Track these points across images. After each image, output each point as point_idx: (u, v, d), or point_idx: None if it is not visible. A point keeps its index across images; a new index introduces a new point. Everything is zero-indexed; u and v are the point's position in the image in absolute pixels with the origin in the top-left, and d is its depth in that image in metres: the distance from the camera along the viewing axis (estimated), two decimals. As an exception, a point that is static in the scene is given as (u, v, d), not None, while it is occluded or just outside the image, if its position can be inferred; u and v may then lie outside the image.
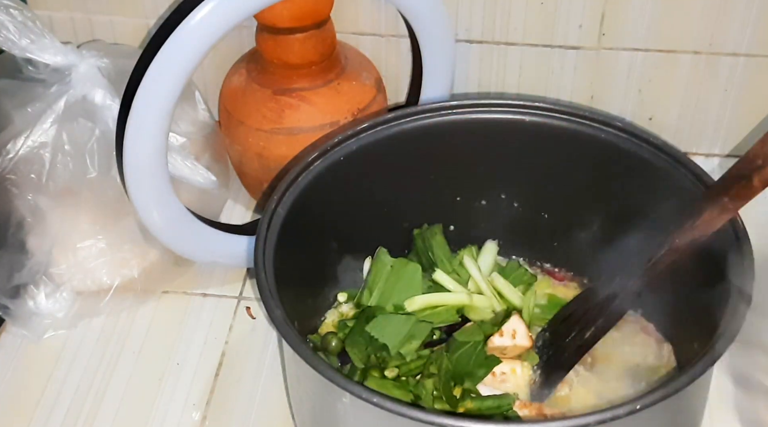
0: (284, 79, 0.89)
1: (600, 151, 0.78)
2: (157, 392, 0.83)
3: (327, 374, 0.61)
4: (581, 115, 0.79)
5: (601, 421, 0.57)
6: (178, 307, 0.90)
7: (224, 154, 0.94)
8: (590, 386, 0.77)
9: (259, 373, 0.84)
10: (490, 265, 0.86)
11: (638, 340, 0.80)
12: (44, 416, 0.81)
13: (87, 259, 0.87)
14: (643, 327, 0.81)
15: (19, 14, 0.81)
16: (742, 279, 0.66)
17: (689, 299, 0.74)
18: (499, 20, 0.95)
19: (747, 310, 0.64)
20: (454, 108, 0.81)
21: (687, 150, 1.00)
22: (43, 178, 0.83)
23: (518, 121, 0.80)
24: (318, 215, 0.77)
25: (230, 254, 0.87)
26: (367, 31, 0.97)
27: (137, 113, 0.75)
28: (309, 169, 0.77)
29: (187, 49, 0.74)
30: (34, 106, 0.83)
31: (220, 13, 0.74)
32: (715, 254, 0.69)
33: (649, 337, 0.81)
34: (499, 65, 0.98)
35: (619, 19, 0.93)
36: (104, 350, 0.86)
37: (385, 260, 0.81)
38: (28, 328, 0.86)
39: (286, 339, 0.64)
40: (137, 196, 0.79)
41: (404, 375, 0.75)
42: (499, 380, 0.76)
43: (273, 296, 0.66)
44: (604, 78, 0.98)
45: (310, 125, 0.88)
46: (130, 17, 0.98)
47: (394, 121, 0.80)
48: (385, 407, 0.58)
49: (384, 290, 0.80)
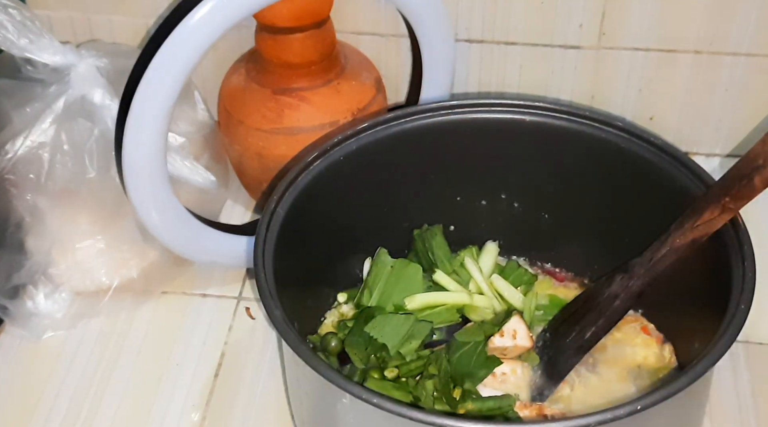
0: (284, 79, 0.89)
1: (600, 151, 0.78)
2: (157, 392, 0.83)
3: (327, 375, 0.61)
4: (582, 114, 0.79)
5: (602, 421, 0.57)
6: (177, 307, 0.90)
7: (223, 154, 0.94)
8: (591, 386, 0.77)
9: (259, 373, 0.84)
10: (491, 266, 0.85)
11: (639, 340, 0.80)
12: (43, 416, 0.81)
13: (86, 259, 0.87)
14: (644, 327, 0.81)
15: (18, 14, 0.81)
16: (743, 279, 0.66)
17: (690, 299, 0.74)
18: (499, 20, 0.95)
19: (747, 309, 0.64)
20: (454, 108, 0.81)
21: (688, 150, 1.00)
22: (42, 178, 0.83)
23: (518, 120, 0.80)
24: (317, 215, 0.77)
25: (229, 254, 0.87)
26: (367, 30, 0.97)
27: (136, 113, 0.75)
28: (309, 169, 0.77)
29: (186, 48, 0.74)
30: (33, 106, 0.83)
31: (219, 13, 0.74)
32: (716, 254, 0.69)
33: (650, 337, 0.80)
34: (499, 65, 0.98)
35: (619, 18, 0.93)
36: (103, 351, 0.86)
37: (386, 261, 0.81)
38: (27, 328, 0.86)
39: (285, 340, 0.64)
40: (136, 197, 0.79)
41: (404, 376, 0.75)
42: (499, 380, 0.76)
43: (273, 297, 0.66)
44: (605, 78, 0.98)
45: (310, 125, 0.88)
46: (129, 17, 0.98)
47: (394, 120, 0.80)
48: (385, 408, 0.58)
49: (384, 291, 0.80)
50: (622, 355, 0.79)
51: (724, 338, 0.62)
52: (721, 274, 0.67)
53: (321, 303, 0.84)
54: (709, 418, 0.78)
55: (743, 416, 0.79)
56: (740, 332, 0.63)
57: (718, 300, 0.66)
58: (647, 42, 0.95)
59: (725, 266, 0.67)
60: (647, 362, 0.79)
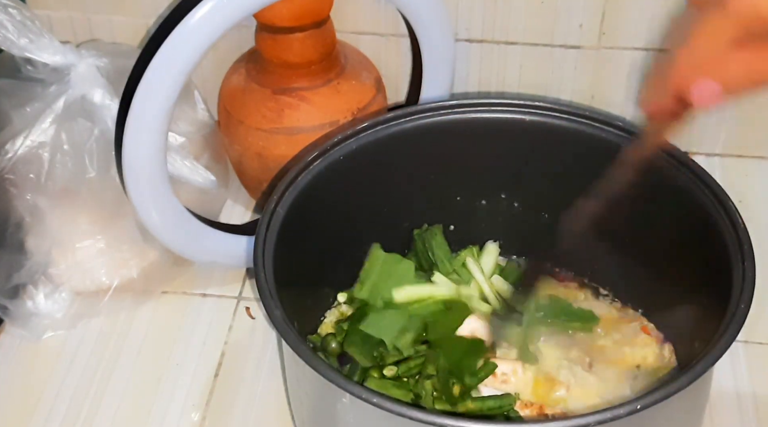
0: (284, 79, 0.89)
1: (600, 150, 0.78)
2: (157, 392, 0.83)
3: (327, 375, 0.60)
4: (581, 114, 0.79)
5: (602, 421, 0.57)
6: (177, 307, 0.90)
7: (223, 154, 0.94)
8: (590, 386, 0.77)
9: (259, 373, 0.84)
10: (492, 267, 0.85)
11: (638, 340, 0.80)
12: (43, 416, 0.81)
13: (86, 259, 0.87)
14: (643, 327, 0.81)
15: (18, 14, 0.81)
16: (743, 279, 0.66)
17: (690, 298, 0.74)
18: (500, 19, 0.95)
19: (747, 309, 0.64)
20: (454, 107, 0.81)
21: (687, 149, 1.00)
22: (42, 178, 0.83)
23: (518, 120, 0.80)
24: (317, 214, 0.77)
25: (229, 254, 0.87)
26: (367, 30, 0.97)
27: (136, 113, 0.75)
28: (308, 169, 0.77)
29: (186, 48, 0.74)
30: (33, 106, 0.83)
31: (219, 13, 0.74)
32: (716, 253, 0.69)
33: (649, 337, 0.80)
34: (499, 65, 0.98)
35: (619, 18, 0.93)
36: (103, 351, 0.86)
37: (378, 255, 0.81)
38: (27, 328, 0.86)
39: (285, 340, 0.64)
40: (136, 196, 0.79)
41: (404, 375, 0.75)
42: (500, 380, 0.76)
43: (273, 297, 0.66)
44: (605, 77, 0.98)
45: (310, 125, 0.88)
46: (129, 17, 0.98)
47: (394, 120, 0.80)
48: (384, 408, 0.58)
49: (376, 283, 0.80)
50: (621, 355, 0.79)
51: (724, 338, 0.62)
52: (721, 273, 0.67)
53: (321, 303, 0.84)
54: (709, 418, 0.78)
55: (743, 416, 0.79)
56: (740, 331, 0.63)
57: (717, 300, 0.66)
58: (647, 42, 0.95)
59: (725, 266, 0.67)
60: (647, 362, 0.79)
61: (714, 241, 0.69)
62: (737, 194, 0.74)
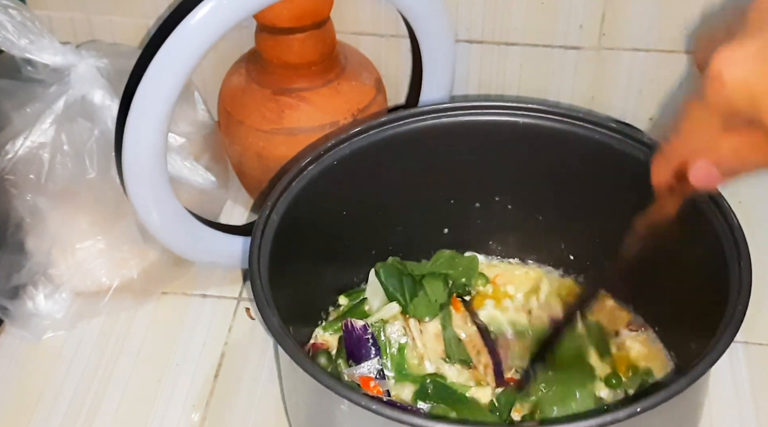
0: (284, 79, 0.89)
1: (594, 152, 0.78)
2: (157, 393, 0.83)
3: (325, 382, 0.60)
4: (575, 116, 0.79)
5: (601, 424, 0.57)
6: (177, 308, 0.90)
7: (223, 155, 0.94)
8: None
9: (259, 374, 0.84)
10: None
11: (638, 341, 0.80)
12: (43, 416, 0.81)
13: (86, 259, 0.87)
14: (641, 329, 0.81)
15: (18, 14, 0.81)
16: (740, 279, 0.66)
17: (688, 299, 0.74)
18: (500, 20, 0.95)
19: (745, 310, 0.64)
20: (447, 111, 0.80)
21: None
22: (42, 178, 0.83)
23: (512, 123, 0.80)
24: (312, 219, 0.77)
25: (229, 254, 0.87)
26: (367, 31, 0.97)
27: (136, 113, 0.75)
28: (302, 174, 0.76)
29: (186, 49, 0.74)
30: (33, 107, 0.83)
31: (219, 13, 0.74)
32: (713, 254, 0.69)
33: (648, 339, 0.80)
34: (499, 66, 0.98)
35: (619, 19, 0.93)
36: (103, 351, 0.86)
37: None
38: (28, 329, 0.86)
39: (283, 347, 0.63)
40: (136, 197, 0.79)
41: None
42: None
43: (269, 304, 0.66)
44: (605, 78, 0.98)
45: (310, 125, 0.88)
46: (130, 17, 0.98)
47: (387, 124, 0.80)
48: (384, 414, 0.58)
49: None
50: (620, 355, 0.79)
51: (723, 339, 0.62)
52: (719, 274, 0.67)
53: (317, 307, 0.83)
54: (709, 418, 0.78)
55: (743, 416, 0.79)
56: (738, 332, 0.63)
57: (715, 301, 0.66)
58: (647, 42, 0.95)
59: (722, 267, 0.67)
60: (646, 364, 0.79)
61: (710, 241, 0.69)
62: (736, 195, 0.73)
